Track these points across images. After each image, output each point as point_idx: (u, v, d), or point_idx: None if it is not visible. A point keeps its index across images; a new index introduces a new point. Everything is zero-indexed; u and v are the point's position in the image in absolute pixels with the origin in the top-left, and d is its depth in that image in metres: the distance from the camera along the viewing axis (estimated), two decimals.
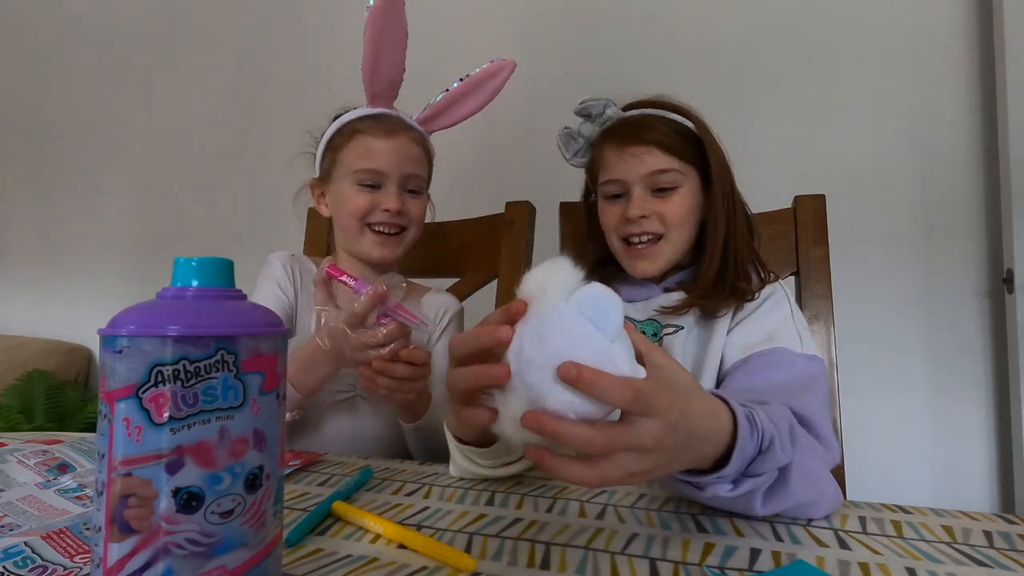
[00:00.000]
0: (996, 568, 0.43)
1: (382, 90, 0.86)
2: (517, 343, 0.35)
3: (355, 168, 0.85)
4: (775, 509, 0.50)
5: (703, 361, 0.73)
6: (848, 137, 1.45)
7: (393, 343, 0.68)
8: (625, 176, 0.76)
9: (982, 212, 1.37)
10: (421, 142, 0.89)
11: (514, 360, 0.34)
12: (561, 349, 0.33)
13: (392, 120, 0.87)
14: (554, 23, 1.71)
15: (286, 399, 0.69)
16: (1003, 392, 1.31)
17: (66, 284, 2.29)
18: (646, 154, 0.75)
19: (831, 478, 0.55)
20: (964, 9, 1.40)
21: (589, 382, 0.32)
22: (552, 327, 0.34)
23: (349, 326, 0.68)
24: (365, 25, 0.79)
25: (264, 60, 2.06)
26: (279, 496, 0.35)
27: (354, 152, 0.85)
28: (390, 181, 0.85)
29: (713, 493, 0.47)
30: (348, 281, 0.70)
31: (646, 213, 0.75)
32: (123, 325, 0.31)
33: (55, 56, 2.39)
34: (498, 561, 0.43)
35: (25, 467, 0.58)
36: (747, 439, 0.44)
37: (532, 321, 0.35)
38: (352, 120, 0.87)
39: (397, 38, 0.82)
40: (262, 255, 0.93)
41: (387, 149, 0.85)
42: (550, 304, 0.34)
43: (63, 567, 0.40)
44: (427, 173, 0.92)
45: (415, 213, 0.88)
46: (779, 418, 0.49)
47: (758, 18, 1.54)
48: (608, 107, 0.78)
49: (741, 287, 0.74)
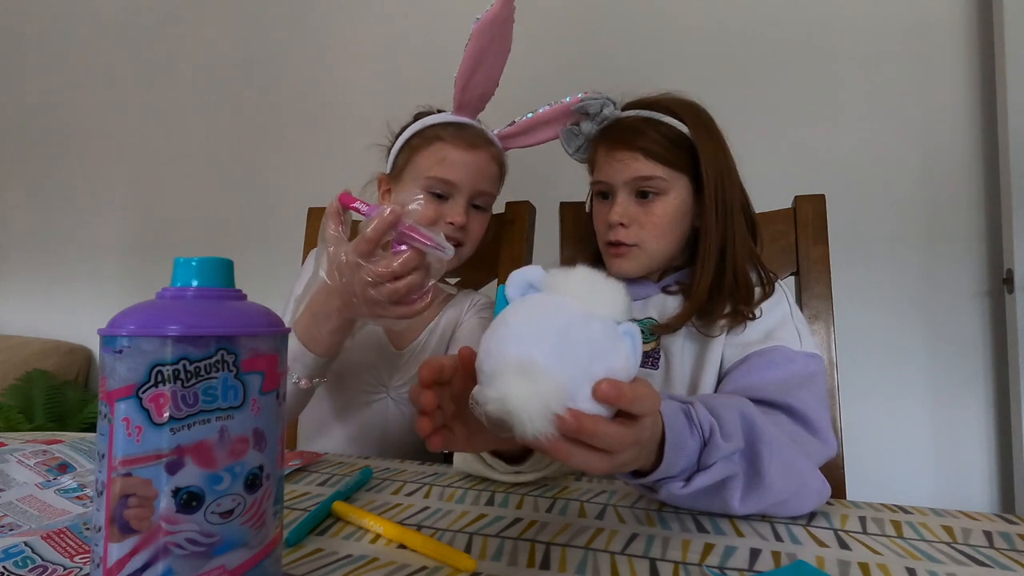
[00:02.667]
0: (996, 568, 0.43)
1: (471, 101, 0.85)
2: (548, 343, 0.34)
3: (429, 174, 0.83)
4: (755, 506, 0.51)
5: (703, 361, 0.73)
6: (848, 137, 1.45)
7: (412, 274, 0.58)
8: (610, 179, 0.76)
9: (982, 212, 1.37)
10: (499, 159, 0.88)
11: (549, 349, 0.34)
12: (596, 358, 0.34)
13: (475, 133, 0.85)
14: (556, 21, 1.71)
15: (299, 362, 0.67)
16: (1003, 392, 1.32)
17: (66, 284, 2.30)
18: (631, 160, 0.74)
19: (816, 471, 0.54)
20: (964, 9, 1.40)
21: (630, 399, 0.35)
22: (589, 337, 0.35)
23: (360, 255, 0.58)
24: (472, 34, 0.77)
25: (265, 60, 2.06)
26: (279, 496, 0.35)
27: (431, 158, 0.84)
28: (460, 194, 0.84)
29: (667, 492, 0.48)
30: (361, 207, 0.60)
31: (625, 220, 0.75)
32: (123, 325, 0.31)
33: (55, 56, 2.39)
34: (498, 561, 0.43)
35: (25, 467, 0.58)
36: (684, 434, 0.46)
37: (573, 322, 0.35)
38: (435, 125, 0.86)
39: (501, 53, 0.81)
40: (262, 255, 0.93)
41: (465, 161, 0.83)
42: (588, 315, 0.35)
43: (63, 567, 0.40)
44: (498, 191, 0.91)
45: (475, 230, 0.87)
46: (724, 409, 0.50)
47: (758, 18, 1.54)
48: (606, 106, 0.78)
49: (740, 309, 0.72)
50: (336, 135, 1.91)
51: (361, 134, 0.93)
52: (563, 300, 0.36)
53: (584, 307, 0.35)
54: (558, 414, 0.32)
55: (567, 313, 0.35)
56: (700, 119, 0.76)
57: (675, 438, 0.45)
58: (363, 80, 1.91)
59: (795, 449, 0.54)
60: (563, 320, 0.34)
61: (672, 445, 0.45)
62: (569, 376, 0.33)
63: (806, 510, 0.53)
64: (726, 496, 0.49)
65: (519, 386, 0.32)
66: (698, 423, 0.48)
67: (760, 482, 0.49)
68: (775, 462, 0.49)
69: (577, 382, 0.33)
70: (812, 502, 0.53)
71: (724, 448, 0.47)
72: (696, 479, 0.48)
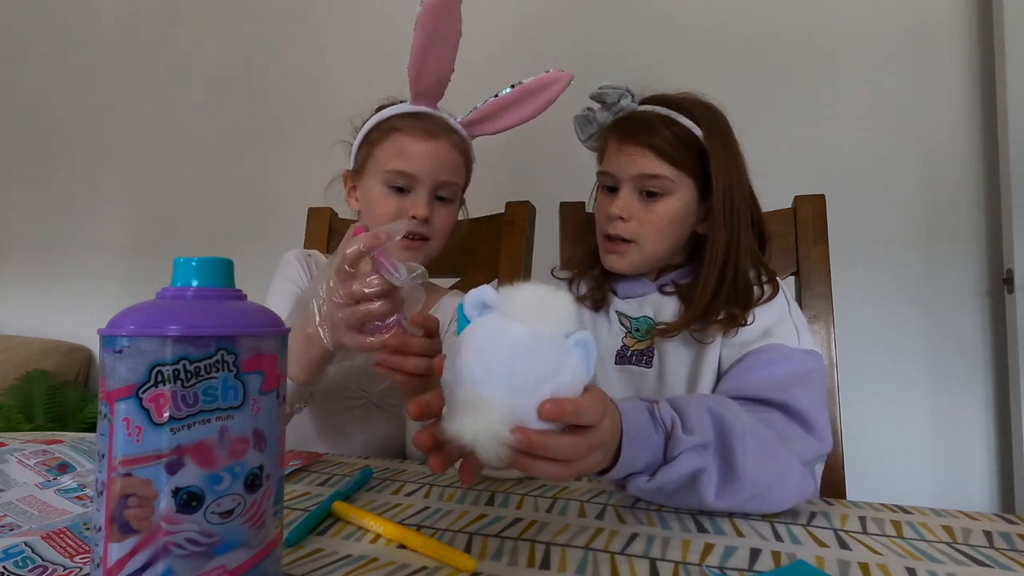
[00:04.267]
0: (996, 568, 0.43)
1: (427, 88, 0.81)
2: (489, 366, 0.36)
3: (387, 168, 0.81)
4: (731, 500, 0.51)
5: (700, 362, 0.73)
6: (848, 137, 1.45)
7: (377, 302, 0.55)
8: (616, 172, 0.76)
9: (982, 212, 1.37)
10: (461, 147, 0.85)
11: (495, 383, 0.36)
12: (543, 380, 0.37)
13: (434, 121, 0.82)
14: (556, 22, 1.71)
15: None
16: (1003, 392, 1.32)
17: (66, 284, 2.29)
18: (639, 155, 0.73)
19: (797, 465, 0.55)
20: (964, 9, 1.40)
21: (573, 414, 0.37)
22: (534, 362, 0.37)
23: (337, 275, 0.56)
24: (417, 20, 0.74)
25: (265, 60, 2.06)
26: (279, 496, 0.35)
27: (389, 151, 0.81)
28: (421, 186, 0.81)
29: (635, 486, 0.50)
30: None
31: (625, 216, 0.74)
32: (123, 325, 0.31)
33: (55, 56, 2.39)
34: (498, 561, 0.43)
35: (25, 467, 0.58)
36: (646, 430, 0.48)
37: (518, 345, 0.37)
38: (392, 116, 0.83)
39: (450, 37, 0.77)
40: (262, 255, 0.92)
41: (423, 152, 0.81)
42: (534, 333, 0.37)
43: (63, 567, 0.40)
44: (463, 180, 0.88)
45: (440, 224, 0.84)
46: (690, 405, 0.52)
47: (758, 18, 1.54)
48: (624, 97, 0.76)
49: (733, 313, 0.71)
50: (336, 135, 1.91)
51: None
52: (509, 328, 0.37)
53: (530, 329, 0.37)
54: (510, 436, 0.35)
55: (511, 343, 0.37)
56: (716, 124, 0.75)
57: (636, 434, 0.47)
58: (363, 80, 1.91)
59: (775, 444, 0.54)
60: (507, 351, 0.36)
61: (632, 441, 0.47)
62: (517, 403, 0.36)
63: (787, 505, 0.53)
64: (699, 490, 0.50)
65: (469, 423, 0.35)
66: (660, 419, 0.50)
67: (734, 476, 0.50)
68: (749, 455, 0.50)
69: (526, 407, 0.36)
70: (792, 496, 0.53)
71: (686, 441, 0.49)
72: (660, 473, 0.49)
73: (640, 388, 0.76)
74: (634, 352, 0.77)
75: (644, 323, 0.78)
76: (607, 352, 0.79)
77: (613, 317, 0.80)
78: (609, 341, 0.79)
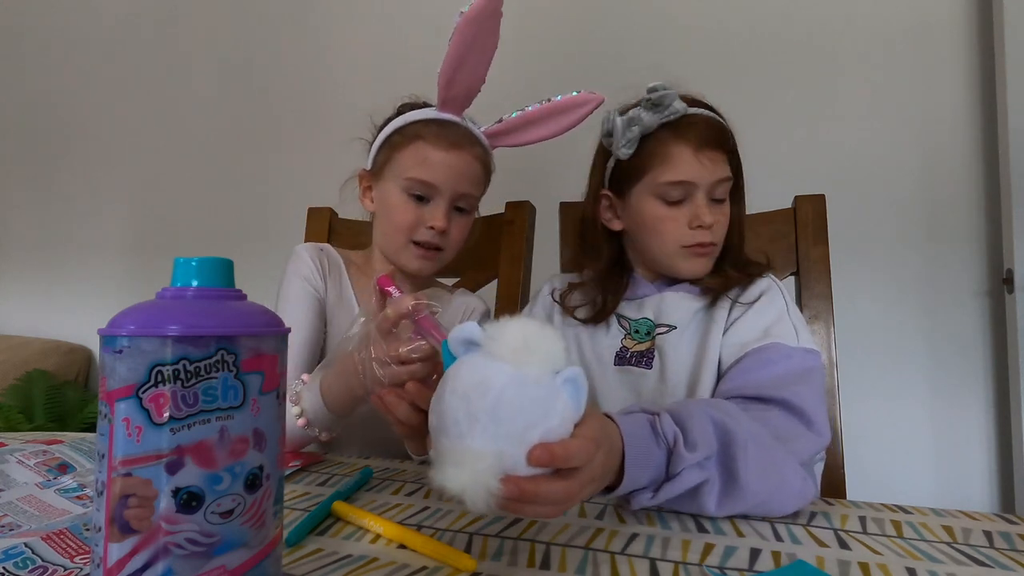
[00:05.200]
0: (996, 568, 0.43)
1: (455, 97, 0.80)
2: (474, 414, 0.35)
3: (408, 175, 0.80)
4: (733, 510, 0.51)
5: (701, 361, 0.73)
6: (848, 137, 1.45)
7: (418, 364, 0.55)
8: (697, 179, 0.72)
9: (982, 212, 1.37)
10: (483, 159, 0.84)
11: (480, 432, 0.35)
12: (531, 424, 0.35)
13: (459, 131, 0.82)
14: (556, 22, 1.71)
15: (318, 416, 0.66)
16: (1003, 392, 1.31)
17: (66, 284, 2.29)
18: (720, 161, 0.73)
19: (799, 470, 0.54)
20: (964, 9, 1.40)
21: (563, 459, 0.36)
22: (521, 406, 0.36)
23: (379, 331, 0.56)
24: (455, 29, 0.74)
25: (265, 60, 2.06)
26: (279, 496, 0.35)
27: (411, 158, 0.81)
28: (441, 197, 0.81)
29: (638, 502, 0.50)
30: (393, 292, 0.59)
31: (711, 222, 0.73)
32: (123, 325, 0.31)
33: (55, 56, 2.39)
34: (498, 561, 0.43)
35: (25, 467, 0.58)
36: (648, 447, 0.48)
37: (505, 391, 0.35)
38: (417, 122, 0.82)
39: (487, 49, 0.77)
40: (262, 255, 0.92)
41: (446, 163, 0.80)
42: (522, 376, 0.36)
43: (63, 567, 0.40)
44: (481, 192, 0.87)
45: (456, 235, 0.84)
46: (693, 418, 0.51)
47: (758, 18, 1.54)
48: (675, 100, 0.74)
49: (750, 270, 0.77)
50: (336, 135, 1.91)
51: (361, 134, 0.93)
52: (495, 369, 0.36)
53: (516, 370, 0.36)
54: (499, 486, 0.34)
55: (498, 388, 0.35)
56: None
57: (638, 453, 0.47)
58: (363, 80, 1.91)
59: (776, 449, 0.54)
60: (492, 398, 0.35)
61: (634, 461, 0.47)
62: (504, 451, 0.35)
63: (788, 510, 0.53)
64: (701, 501, 0.50)
65: (455, 475, 0.34)
66: (662, 433, 0.49)
67: (736, 485, 0.50)
68: (751, 464, 0.50)
69: (514, 455, 0.35)
70: (794, 503, 0.53)
71: (688, 458, 0.48)
72: (663, 489, 0.49)
73: (640, 389, 0.76)
74: (633, 353, 0.78)
75: (644, 325, 0.78)
76: (607, 353, 0.79)
77: (612, 319, 0.80)
78: (608, 342, 0.79)
